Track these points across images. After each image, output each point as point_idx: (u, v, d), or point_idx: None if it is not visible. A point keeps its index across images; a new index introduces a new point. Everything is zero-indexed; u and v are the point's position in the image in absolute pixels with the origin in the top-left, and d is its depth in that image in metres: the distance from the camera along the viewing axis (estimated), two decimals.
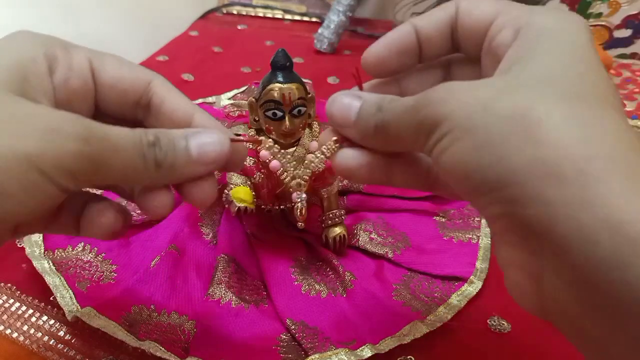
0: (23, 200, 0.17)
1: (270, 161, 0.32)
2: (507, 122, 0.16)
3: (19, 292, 0.32)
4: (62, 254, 0.32)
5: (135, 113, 0.24)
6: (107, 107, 0.23)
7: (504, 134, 0.16)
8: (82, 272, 0.32)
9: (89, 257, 0.33)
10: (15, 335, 0.29)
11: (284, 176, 0.32)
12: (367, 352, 0.28)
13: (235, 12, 0.84)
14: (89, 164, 0.18)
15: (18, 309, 0.31)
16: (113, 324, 0.29)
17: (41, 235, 0.33)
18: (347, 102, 0.22)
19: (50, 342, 0.29)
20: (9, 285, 0.32)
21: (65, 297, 0.30)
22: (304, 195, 0.30)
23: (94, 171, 0.19)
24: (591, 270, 0.14)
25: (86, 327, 0.29)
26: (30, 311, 0.31)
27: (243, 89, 0.53)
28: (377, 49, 0.23)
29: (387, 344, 0.29)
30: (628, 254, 0.14)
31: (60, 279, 0.31)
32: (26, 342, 0.29)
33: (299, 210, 0.32)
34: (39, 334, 0.30)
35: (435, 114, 0.18)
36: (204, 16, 0.82)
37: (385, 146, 0.22)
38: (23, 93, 0.19)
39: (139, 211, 0.36)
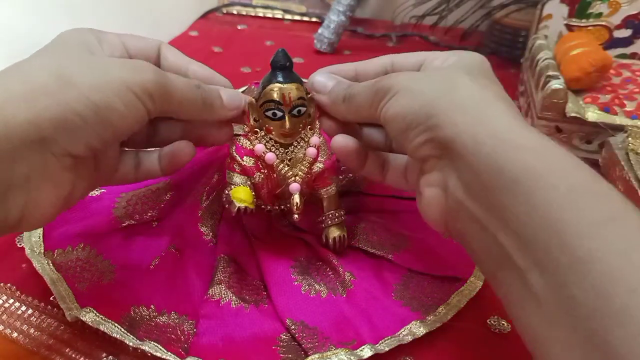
0: (124, 114, 0.24)
1: (265, 154, 0.32)
2: (435, 82, 0.26)
3: (19, 292, 0.32)
4: (62, 254, 0.32)
5: None
6: None
7: (433, 88, 0.25)
8: (82, 272, 0.32)
9: (88, 258, 0.33)
10: (15, 335, 0.29)
11: (280, 167, 0.32)
12: (367, 352, 0.28)
13: (235, 12, 0.84)
14: (162, 89, 0.25)
15: (18, 308, 0.31)
16: (113, 324, 0.29)
17: (41, 235, 0.33)
18: (326, 78, 0.31)
19: (50, 342, 0.29)
20: (9, 285, 0.32)
21: (65, 297, 0.30)
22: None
23: (164, 96, 0.26)
24: (479, 164, 0.22)
25: (86, 327, 0.29)
26: (30, 311, 0.31)
27: (243, 89, 0.53)
28: (322, 77, 0.32)
29: (387, 344, 0.29)
30: (501, 149, 0.22)
31: (60, 279, 0.31)
32: (26, 342, 0.29)
33: (295, 202, 0.32)
34: (39, 334, 0.29)
35: (387, 83, 0.27)
36: (204, 16, 0.82)
37: (349, 112, 0.30)
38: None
39: (137, 216, 0.36)
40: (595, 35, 0.55)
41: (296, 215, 0.33)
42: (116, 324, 0.29)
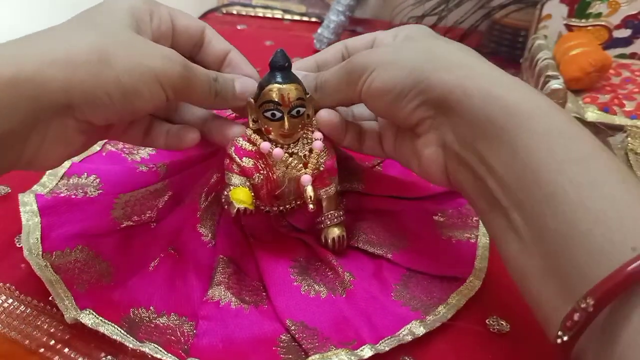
0: (147, 99, 0.27)
1: (272, 150, 0.32)
2: (419, 51, 0.28)
3: (18, 292, 0.32)
4: (60, 255, 0.32)
5: (192, 50, 0.33)
6: (178, 46, 0.32)
7: (414, 56, 0.27)
8: (81, 274, 0.32)
9: (87, 259, 0.33)
10: (14, 335, 0.29)
11: (289, 161, 0.32)
12: (367, 352, 0.28)
13: (234, 12, 0.84)
14: (184, 83, 0.28)
15: (17, 308, 0.31)
16: (112, 326, 0.29)
17: (39, 237, 0.33)
18: None
19: (50, 342, 0.29)
20: (8, 285, 0.32)
21: (63, 299, 0.30)
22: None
23: (184, 88, 0.28)
24: (470, 116, 0.25)
25: (86, 327, 0.29)
26: (29, 311, 0.31)
27: None
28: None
29: (387, 344, 0.29)
30: (490, 101, 0.24)
31: (58, 280, 0.31)
32: (25, 342, 0.29)
33: (308, 195, 0.32)
34: (39, 334, 0.29)
35: (364, 60, 0.29)
36: (204, 16, 0.82)
37: (324, 99, 0.32)
38: (138, 33, 0.28)
39: (135, 218, 0.36)
40: (595, 35, 0.55)
41: (311, 206, 0.32)
42: (116, 326, 0.29)
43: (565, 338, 0.20)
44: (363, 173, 0.40)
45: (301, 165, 0.32)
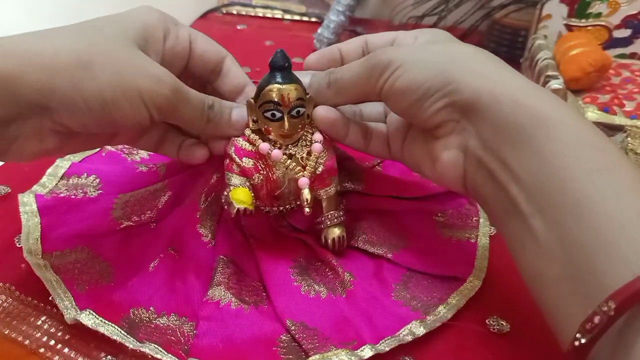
0: (128, 115, 0.27)
1: (271, 151, 0.32)
2: (444, 53, 0.28)
3: (17, 292, 0.32)
4: (60, 256, 0.32)
5: (210, 76, 0.34)
6: (194, 69, 0.33)
7: (441, 58, 0.27)
8: (81, 274, 0.32)
9: (87, 259, 0.33)
10: (14, 335, 0.29)
11: (287, 163, 0.32)
12: (367, 352, 0.28)
13: (234, 12, 0.84)
14: (171, 106, 0.28)
15: (16, 308, 0.31)
16: (113, 327, 0.28)
17: (39, 238, 0.33)
18: (301, 76, 0.32)
19: (50, 342, 0.29)
20: (8, 285, 0.32)
21: (63, 299, 0.30)
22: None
23: (171, 111, 0.28)
24: (499, 122, 0.25)
25: (85, 327, 0.29)
26: (29, 311, 0.31)
27: None
28: (315, 56, 0.34)
29: (387, 344, 0.29)
30: (519, 108, 0.25)
31: (58, 281, 0.31)
32: (25, 342, 0.29)
33: (305, 198, 0.32)
34: (38, 334, 0.29)
35: (386, 57, 0.28)
36: (204, 16, 0.82)
37: (337, 96, 0.32)
38: (143, 49, 0.28)
39: (135, 218, 0.36)
40: (595, 35, 0.55)
41: (307, 209, 0.32)
42: (116, 326, 0.29)
43: (583, 341, 0.20)
44: (363, 173, 0.40)
45: (300, 167, 0.32)
